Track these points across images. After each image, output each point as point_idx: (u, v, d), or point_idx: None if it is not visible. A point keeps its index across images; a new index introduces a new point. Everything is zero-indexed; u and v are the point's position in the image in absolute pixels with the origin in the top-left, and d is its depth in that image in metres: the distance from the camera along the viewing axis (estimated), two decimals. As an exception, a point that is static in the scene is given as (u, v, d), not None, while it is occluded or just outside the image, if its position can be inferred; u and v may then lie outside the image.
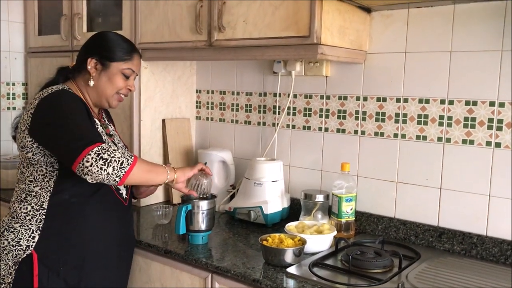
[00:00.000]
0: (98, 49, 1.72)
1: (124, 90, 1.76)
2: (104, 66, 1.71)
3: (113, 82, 1.72)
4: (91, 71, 1.70)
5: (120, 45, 1.73)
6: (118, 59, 1.71)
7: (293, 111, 2.25)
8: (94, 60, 1.70)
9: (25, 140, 1.62)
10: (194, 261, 1.73)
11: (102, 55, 1.70)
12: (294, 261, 1.64)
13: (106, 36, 1.76)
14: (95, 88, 1.72)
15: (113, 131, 1.87)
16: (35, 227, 1.62)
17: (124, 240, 1.81)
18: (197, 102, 2.62)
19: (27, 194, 1.65)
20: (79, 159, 1.46)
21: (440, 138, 1.85)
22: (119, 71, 1.72)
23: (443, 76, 1.83)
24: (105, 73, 1.71)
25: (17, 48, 2.92)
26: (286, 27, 1.76)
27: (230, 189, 2.34)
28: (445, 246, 1.84)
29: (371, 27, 1.98)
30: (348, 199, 1.95)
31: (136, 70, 1.77)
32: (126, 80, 1.75)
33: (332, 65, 2.11)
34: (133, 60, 1.74)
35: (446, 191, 1.85)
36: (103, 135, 1.72)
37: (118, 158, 1.50)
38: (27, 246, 1.61)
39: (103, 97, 1.74)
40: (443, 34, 1.81)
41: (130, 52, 1.74)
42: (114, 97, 1.75)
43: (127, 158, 1.53)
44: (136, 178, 1.57)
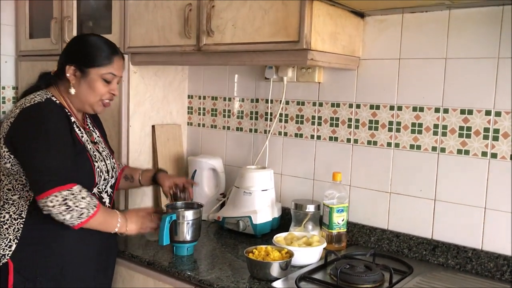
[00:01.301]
0: (76, 55, 1.66)
1: (107, 95, 1.70)
2: (83, 73, 1.64)
3: (94, 89, 1.65)
4: (70, 78, 1.65)
5: (98, 50, 1.66)
6: (97, 65, 1.64)
7: (285, 118, 2.19)
8: (73, 67, 1.64)
9: (1, 150, 1.58)
10: (177, 273, 1.67)
11: (80, 61, 1.64)
12: (281, 275, 1.58)
13: (84, 41, 1.70)
14: (77, 96, 1.67)
15: (98, 137, 1.82)
16: (12, 236, 1.57)
17: (106, 251, 1.76)
18: (188, 107, 2.57)
19: (5, 202, 1.60)
20: (45, 195, 1.47)
21: (434, 148, 1.79)
22: (99, 77, 1.65)
23: (438, 84, 1.77)
24: (84, 80, 1.65)
25: (8, 52, 2.87)
26: (276, 32, 1.70)
27: (220, 198, 2.28)
28: (439, 260, 1.78)
29: (364, 33, 1.92)
30: (339, 210, 1.88)
31: (117, 74, 1.70)
32: (108, 85, 1.68)
33: (325, 71, 2.05)
34: (113, 64, 1.67)
35: (441, 203, 1.78)
36: (88, 143, 1.68)
37: (80, 208, 1.50)
38: (2, 255, 1.56)
39: (86, 104, 1.69)
40: (438, 40, 1.76)
41: (109, 55, 1.67)
42: (99, 103, 1.70)
43: (89, 210, 1.52)
44: (89, 227, 1.57)
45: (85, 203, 1.51)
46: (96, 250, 1.70)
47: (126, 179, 1.99)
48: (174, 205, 1.89)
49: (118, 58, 1.70)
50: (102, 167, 1.70)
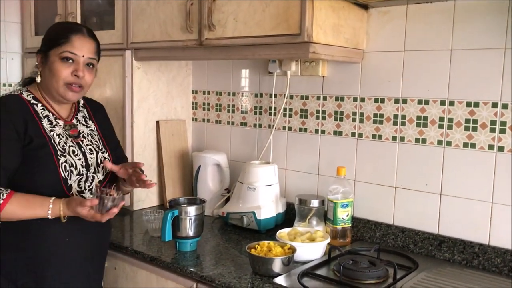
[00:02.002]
0: (42, 42, 1.64)
1: (71, 78, 1.58)
2: (45, 58, 1.60)
3: (54, 71, 1.57)
4: (39, 66, 1.62)
5: (56, 31, 1.62)
6: (53, 45, 1.57)
7: (289, 112, 2.17)
8: (40, 55, 1.62)
9: None
10: (179, 269, 1.66)
11: (43, 47, 1.61)
12: (283, 271, 1.56)
13: (50, 27, 1.68)
14: (44, 84, 1.62)
15: (91, 130, 1.73)
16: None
17: (94, 253, 1.70)
18: (193, 103, 2.56)
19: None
20: None
21: (440, 141, 1.76)
22: (58, 58, 1.57)
23: (443, 76, 1.73)
24: (47, 65, 1.59)
25: (14, 49, 2.88)
26: (276, 25, 1.68)
27: (224, 193, 2.27)
28: (445, 256, 1.75)
29: (368, 25, 1.89)
30: (344, 205, 1.86)
31: (78, 52, 1.58)
32: (69, 66, 1.58)
33: (329, 64, 2.02)
34: (71, 42, 1.57)
35: (447, 197, 1.75)
36: (60, 137, 1.61)
37: None
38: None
39: (53, 90, 1.60)
40: (443, 31, 1.72)
41: (67, 34, 1.58)
42: (64, 88, 1.59)
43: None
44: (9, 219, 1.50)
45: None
46: (83, 252, 1.64)
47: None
48: (176, 200, 1.88)
49: (78, 37, 1.60)
50: (74, 161, 1.60)
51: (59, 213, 1.52)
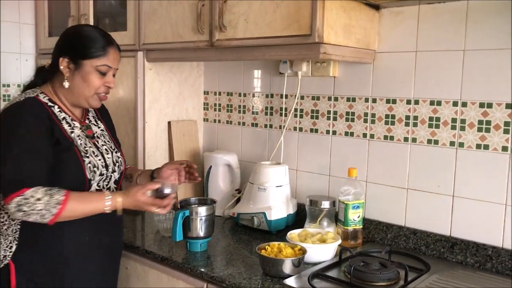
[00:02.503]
0: (69, 46, 1.60)
1: (103, 88, 1.63)
2: (77, 65, 1.58)
3: (89, 82, 1.59)
4: (64, 71, 1.59)
5: (92, 40, 1.60)
6: (91, 56, 1.58)
7: (300, 113, 2.16)
8: (66, 59, 1.58)
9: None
10: (189, 269, 1.66)
11: (73, 53, 1.58)
12: (293, 272, 1.56)
13: (78, 32, 1.64)
14: (71, 89, 1.61)
15: (102, 130, 1.75)
16: (11, 237, 1.56)
17: (110, 252, 1.72)
18: (204, 103, 2.57)
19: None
20: (5, 202, 1.46)
21: (452, 143, 1.74)
22: (94, 69, 1.59)
23: (456, 77, 1.71)
24: (78, 73, 1.59)
25: (28, 50, 2.92)
26: (287, 26, 1.67)
27: (235, 194, 2.27)
28: (457, 258, 1.73)
29: (380, 25, 1.88)
30: (355, 206, 1.85)
31: (113, 65, 1.63)
32: (103, 78, 1.61)
33: (340, 65, 2.01)
34: (108, 55, 1.61)
35: (459, 199, 1.73)
36: (79, 139, 1.62)
37: (39, 210, 1.45)
38: (4, 256, 1.56)
39: (82, 98, 1.63)
40: (456, 31, 1.70)
41: (104, 46, 1.60)
42: (94, 97, 1.63)
43: (50, 210, 1.46)
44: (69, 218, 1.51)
45: (41, 205, 1.45)
46: (98, 249, 1.66)
47: (126, 178, 1.89)
48: (187, 201, 1.89)
49: (114, 50, 1.64)
50: (96, 162, 1.63)
51: (116, 205, 1.55)
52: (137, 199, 1.56)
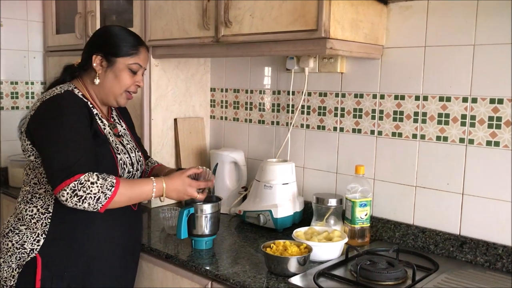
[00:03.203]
0: (103, 45, 1.64)
1: (133, 87, 1.68)
2: (110, 62, 1.63)
3: (120, 79, 1.64)
4: (97, 68, 1.63)
5: (125, 39, 1.64)
6: (124, 54, 1.63)
7: (307, 109, 2.14)
8: (99, 56, 1.63)
9: (25, 144, 1.58)
10: (194, 267, 1.65)
11: (107, 51, 1.63)
12: (299, 270, 1.54)
13: (110, 31, 1.68)
14: (102, 86, 1.65)
15: (124, 129, 1.80)
16: (40, 231, 1.57)
17: (131, 247, 1.75)
18: (211, 100, 2.55)
19: (33, 196, 1.61)
20: (56, 191, 1.45)
21: (462, 139, 1.70)
22: (126, 67, 1.64)
23: (465, 72, 1.68)
24: (111, 70, 1.63)
25: (36, 47, 2.93)
26: (293, 21, 1.65)
27: (241, 191, 2.25)
28: (467, 257, 1.69)
29: (388, 20, 1.85)
30: (362, 204, 1.82)
31: (143, 65, 1.69)
32: (134, 76, 1.66)
33: (347, 61, 1.98)
34: (139, 54, 1.66)
35: (469, 197, 1.70)
36: (110, 136, 1.67)
37: (94, 194, 1.46)
38: (31, 249, 1.56)
39: (111, 96, 1.67)
40: (466, 26, 1.66)
41: (136, 45, 1.66)
42: (123, 95, 1.68)
43: (105, 192, 1.47)
44: (118, 205, 1.53)
45: (97, 188, 1.46)
46: (121, 246, 1.69)
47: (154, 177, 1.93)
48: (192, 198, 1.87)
49: (144, 49, 1.69)
50: (125, 159, 1.68)
51: (161, 189, 1.58)
52: (182, 180, 1.61)
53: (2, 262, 1.58)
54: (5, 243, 1.59)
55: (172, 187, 1.60)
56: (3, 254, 1.59)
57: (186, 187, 1.62)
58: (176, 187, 1.61)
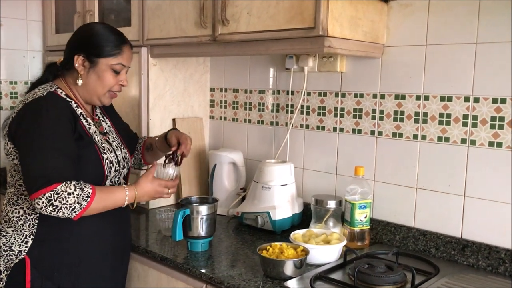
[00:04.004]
0: (85, 44, 1.60)
1: (116, 86, 1.65)
2: (92, 63, 1.59)
3: (103, 79, 1.60)
4: (79, 69, 1.59)
5: (108, 39, 1.60)
6: (107, 55, 1.59)
7: (306, 109, 2.10)
8: (81, 57, 1.58)
9: (7, 147, 1.56)
10: (189, 270, 1.62)
11: (89, 51, 1.58)
12: (295, 274, 1.50)
13: (93, 30, 1.64)
14: (85, 87, 1.62)
15: (109, 126, 1.77)
16: (28, 232, 1.55)
17: (121, 246, 1.73)
18: (210, 100, 2.52)
19: (18, 197, 1.58)
20: (32, 197, 1.43)
21: (464, 140, 1.66)
22: (109, 67, 1.60)
23: (467, 71, 1.64)
24: (93, 71, 1.60)
25: (36, 47, 2.91)
26: (291, 19, 1.62)
27: (240, 192, 2.22)
28: (469, 261, 1.65)
29: (388, 18, 1.81)
30: (362, 206, 1.79)
31: (127, 64, 1.65)
32: (117, 76, 1.63)
33: (347, 60, 1.95)
34: (122, 54, 1.62)
35: (471, 199, 1.66)
36: (96, 135, 1.64)
37: (70, 204, 1.44)
38: (19, 251, 1.54)
39: (94, 96, 1.64)
40: (468, 24, 1.62)
41: (119, 45, 1.61)
42: (106, 95, 1.65)
43: (80, 203, 1.45)
44: (93, 212, 1.51)
45: (73, 199, 1.44)
46: (111, 246, 1.67)
47: (147, 149, 1.93)
48: (188, 199, 1.85)
49: (127, 48, 1.65)
50: (111, 158, 1.65)
51: (134, 197, 1.58)
52: (151, 183, 1.61)
53: None
54: None
55: (143, 192, 1.60)
56: None
57: (156, 188, 1.63)
58: (146, 191, 1.61)
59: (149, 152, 1.93)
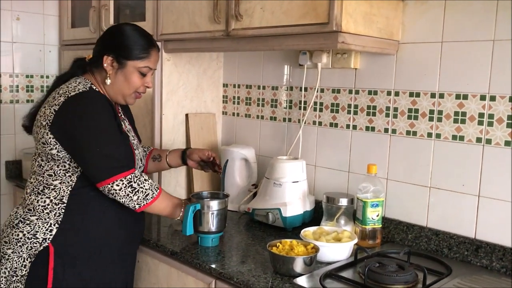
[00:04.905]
0: (115, 46, 1.64)
1: (142, 88, 1.70)
2: (121, 64, 1.64)
3: (130, 81, 1.65)
4: (108, 69, 1.64)
5: (137, 42, 1.64)
6: (135, 58, 1.63)
7: (319, 106, 2.09)
8: (111, 57, 1.63)
9: (46, 137, 1.57)
10: (198, 265, 1.62)
11: (118, 53, 1.63)
12: (305, 271, 1.49)
13: (123, 32, 1.67)
14: (112, 86, 1.67)
15: (128, 125, 1.81)
16: (53, 220, 1.59)
17: (137, 235, 1.78)
18: (223, 96, 2.51)
19: (45, 187, 1.61)
20: (109, 181, 1.53)
21: (479, 139, 1.63)
22: (136, 70, 1.65)
23: (484, 69, 1.61)
24: (121, 72, 1.64)
25: (52, 41, 2.93)
26: (304, 14, 1.60)
27: (251, 188, 2.21)
28: (482, 262, 1.62)
29: (403, 14, 1.78)
30: (374, 204, 1.77)
31: (153, 67, 1.70)
32: (143, 78, 1.68)
33: (362, 56, 1.93)
34: (150, 57, 1.66)
35: (485, 199, 1.63)
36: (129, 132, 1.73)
37: (145, 189, 1.58)
38: (43, 239, 1.58)
39: (120, 95, 1.69)
40: (485, 20, 1.59)
41: (147, 48, 1.66)
42: (132, 96, 1.70)
43: (153, 191, 1.60)
44: (152, 211, 1.66)
45: (148, 185, 1.59)
46: (129, 235, 1.72)
47: (154, 159, 1.99)
48: (199, 194, 1.85)
49: (155, 51, 1.69)
50: (139, 155, 1.73)
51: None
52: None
53: (12, 252, 1.59)
54: (15, 233, 1.60)
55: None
56: (12, 244, 1.59)
57: None
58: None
59: (155, 162, 1.99)
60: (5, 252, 1.60)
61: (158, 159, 1.99)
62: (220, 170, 2.00)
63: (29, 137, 1.74)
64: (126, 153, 1.63)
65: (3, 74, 2.77)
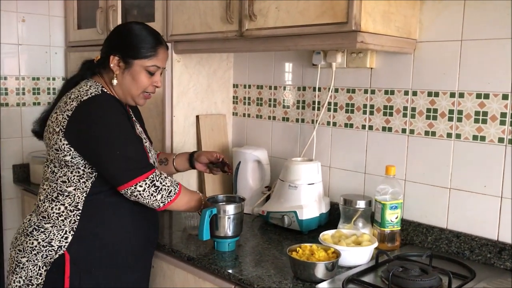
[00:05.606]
0: (121, 45, 1.60)
1: (150, 88, 1.65)
2: (127, 64, 1.60)
3: (138, 81, 1.61)
4: (114, 69, 1.60)
5: (143, 40, 1.60)
6: (142, 56, 1.59)
7: (334, 106, 2.05)
8: (117, 57, 1.59)
9: (60, 143, 1.53)
10: (217, 270, 1.59)
11: (124, 52, 1.59)
12: (326, 276, 1.46)
13: (129, 30, 1.63)
14: (120, 87, 1.63)
15: (140, 127, 1.78)
16: (68, 228, 1.56)
17: (152, 241, 1.75)
18: (234, 97, 2.48)
19: (59, 194, 1.57)
20: (132, 183, 1.51)
21: (501, 139, 1.60)
22: (143, 69, 1.60)
23: (505, 67, 1.57)
24: (128, 72, 1.60)
25: (58, 43, 2.90)
26: (321, 13, 1.57)
27: (265, 191, 2.18)
28: (506, 265, 1.59)
29: (421, 13, 1.75)
30: (393, 207, 1.73)
31: (162, 65, 1.65)
32: (151, 77, 1.63)
33: (377, 55, 1.89)
34: (158, 56, 1.62)
35: (508, 201, 1.60)
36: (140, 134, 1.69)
37: (168, 186, 1.57)
38: (59, 247, 1.55)
39: (129, 96, 1.65)
40: (505, 18, 1.56)
41: (154, 47, 1.61)
42: (141, 96, 1.66)
43: (174, 187, 1.59)
44: (176, 208, 1.63)
45: (169, 182, 1.58)
46: (144, 241, 1.69)
47: (161, 163, 1.96)
48: (215, 198, 1.81)
49: (163, 49, 1.64)
50: (151, 157, 1.70)
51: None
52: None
53: (26, 261, 1.56)
54: (30, 241, 1.57)
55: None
56: (27, 253, 1.56)
57: None
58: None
59: (161, 166, 1.96)
60: (20, 261, 1.57)
61: (164, 163, 1.96)
62: (231, 171, 1.96)
63: (37, 140, 1.71)
64: (144, 154, 1.61)
65: (9, 77, 2.73)
